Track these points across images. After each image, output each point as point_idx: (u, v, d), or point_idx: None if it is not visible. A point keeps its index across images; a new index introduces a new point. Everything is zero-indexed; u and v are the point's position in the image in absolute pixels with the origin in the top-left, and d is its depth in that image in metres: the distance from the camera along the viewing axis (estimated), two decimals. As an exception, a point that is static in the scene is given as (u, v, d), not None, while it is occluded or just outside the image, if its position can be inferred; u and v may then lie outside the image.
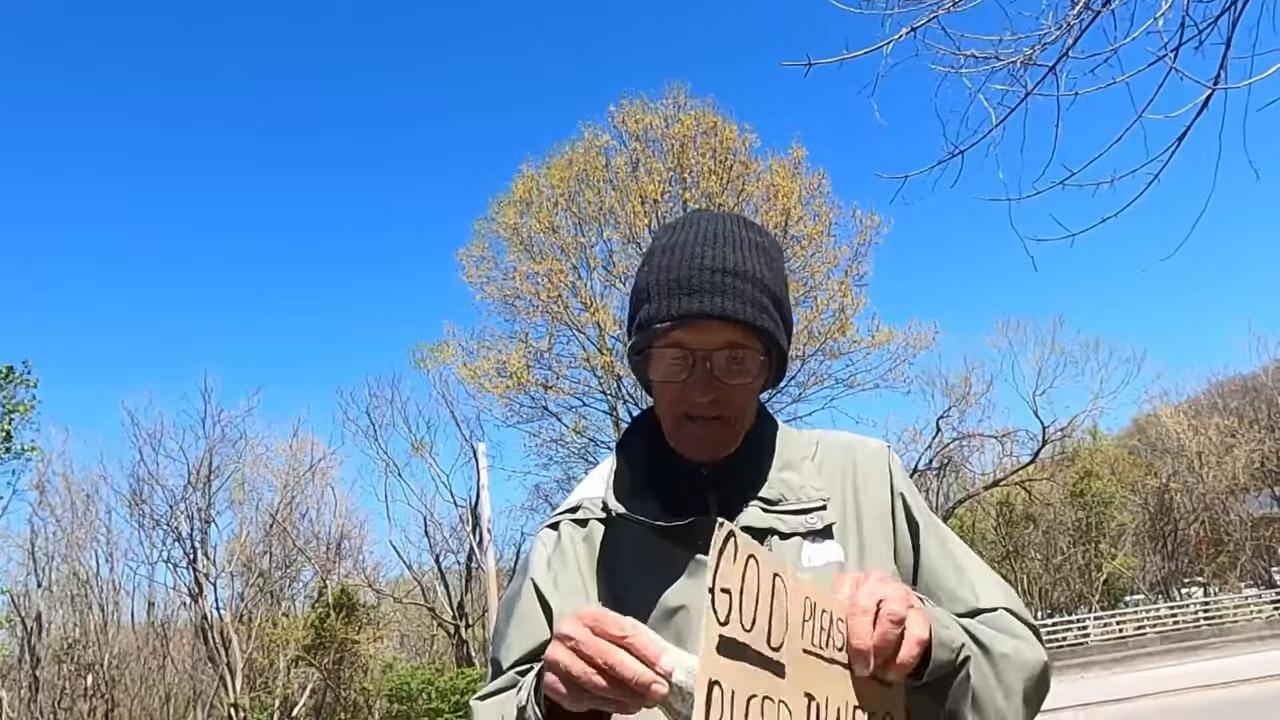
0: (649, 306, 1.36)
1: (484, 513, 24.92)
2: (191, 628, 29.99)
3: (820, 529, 1.36)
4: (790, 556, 1.31)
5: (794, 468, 1.43)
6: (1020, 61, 4.20)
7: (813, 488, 1.40)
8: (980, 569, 1.41)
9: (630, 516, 1.35)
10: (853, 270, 25.72)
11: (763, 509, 1.36)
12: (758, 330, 1.33)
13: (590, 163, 25.37)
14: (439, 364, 29.46)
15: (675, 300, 1.33)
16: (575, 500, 1.49)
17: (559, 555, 1.42)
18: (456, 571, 32.63)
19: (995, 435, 33.95)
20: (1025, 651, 1.27)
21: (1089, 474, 37.59)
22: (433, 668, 28.44)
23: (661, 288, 1.35)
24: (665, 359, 1.35)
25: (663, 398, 1.39)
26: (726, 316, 1.31)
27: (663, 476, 1.43)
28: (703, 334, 1.32)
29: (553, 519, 1.50)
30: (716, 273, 1.33)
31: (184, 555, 28.93)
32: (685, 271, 1.34)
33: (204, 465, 29.49)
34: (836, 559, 1.33)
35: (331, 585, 30.40)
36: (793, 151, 25.60)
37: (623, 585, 1.35)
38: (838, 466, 1.45)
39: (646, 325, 1.35)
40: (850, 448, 1.49)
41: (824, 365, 26.10)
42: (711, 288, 1.32)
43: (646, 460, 1.46)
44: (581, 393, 26.34)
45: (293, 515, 31.18)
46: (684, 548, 1.32)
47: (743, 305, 1.32)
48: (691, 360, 1.33)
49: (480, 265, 26.53)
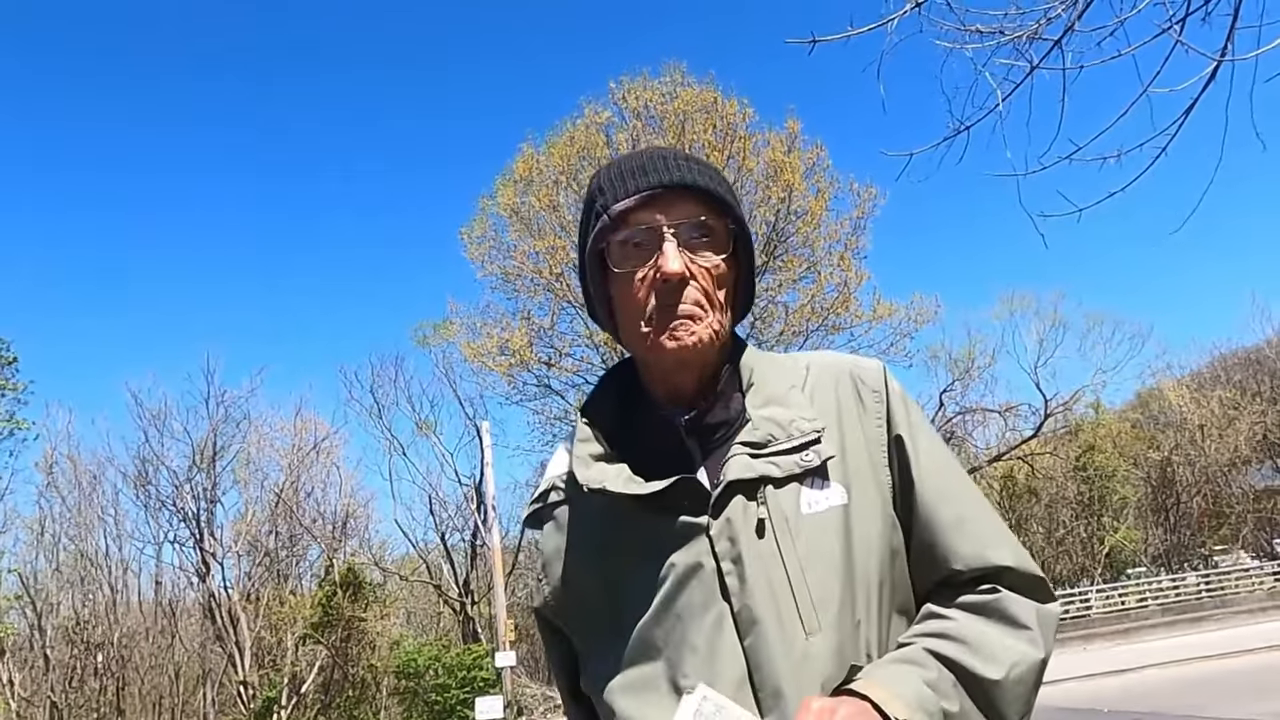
0: (603, 199, 1.28)
1: (488, 491, 25.02)
2: (199, 607, 30.20)
3: (816, 466, 1.23)
4: (788, 505, 1.21)
5: (780, 401, 1.29)
6: (1026, 36, 4.17)
7: (804, 419, 1.26)
8: (982, 520, 1.27)
9: (604, 491, 1.23)
10: (852, 244, 25.70)
11: (751, 455, 1.23)
12: (721, 202, 1.29)
13: (591, 139, 25.26)
14: (442, 342, 29.52)
15: (631, 180, 1.28)
16: (546, 484, 1.38)
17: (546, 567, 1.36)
18: (462, 549, 32.80)
19: (998, 410, 34.02)
20: (1020, 664, 1.16)
21: (1092, 448, 37.62)
22: (439, 644, 28.64)
23: (615, 178, 1.30)
24: (627, 247, 1.27)
25: (628, 296, 1.28)
26: (686, 184, 1.26)
27: (635, 433, 1.33)
28: (665, 208, 1.26)
29: (527, 510, 1.41)
30: (669, 158, 1.30)
31: (190, 535, 29.15)
32: (638, 161, 1.30)
33: (208, 445, 29.63)
34: (839, 502, 1.22)
35: (338, 564, 30.56)
36: (788, 125, 25.48)
37: (612, 567, 1.26)
38: (831, 392, 1.32)
39: (603, 213, 1.27)
40: (843, 369, 1.35)
41: (826, 340, 26.11)
42: (668, 166, 1.28)
43: (618, 418, 1.35)
44: (584, 370, 26.37)
45: (298, 494, 31.31)
46: (669, 511, 1.21)
47: (702, 178, 1.28)
48: (656, 238, 1.25)
49: (482, 244, 26.52)
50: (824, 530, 1.21)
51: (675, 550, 1.20)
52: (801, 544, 1.19)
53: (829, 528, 1.21)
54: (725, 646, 1.16)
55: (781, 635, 1.15)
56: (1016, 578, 1.22)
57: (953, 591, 1.24)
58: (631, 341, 1.31)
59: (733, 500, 1.20)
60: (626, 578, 1.24)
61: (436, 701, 24.65)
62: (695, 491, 1.21)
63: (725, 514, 1.20)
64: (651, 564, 1.22)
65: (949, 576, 1.24)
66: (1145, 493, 39.33)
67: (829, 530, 1.21)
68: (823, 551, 1.20)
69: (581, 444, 1.30)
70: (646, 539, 1.23)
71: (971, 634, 1.17)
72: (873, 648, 1.19)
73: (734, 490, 1.21)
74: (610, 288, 1.31)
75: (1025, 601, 1.21)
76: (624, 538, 1.24)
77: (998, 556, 1.23)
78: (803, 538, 1.20)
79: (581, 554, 1.30)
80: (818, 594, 1.17)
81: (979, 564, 1.23)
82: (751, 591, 1.16)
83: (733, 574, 1.18)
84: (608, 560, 1.26)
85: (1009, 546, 1.25)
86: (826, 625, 1.16)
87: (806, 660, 1.14)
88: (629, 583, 1.24)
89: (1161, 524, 39.21)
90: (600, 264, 1.31)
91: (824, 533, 1.21)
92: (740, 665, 1.15)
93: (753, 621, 1.16)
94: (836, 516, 1.22)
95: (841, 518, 1.22)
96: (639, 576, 1.23)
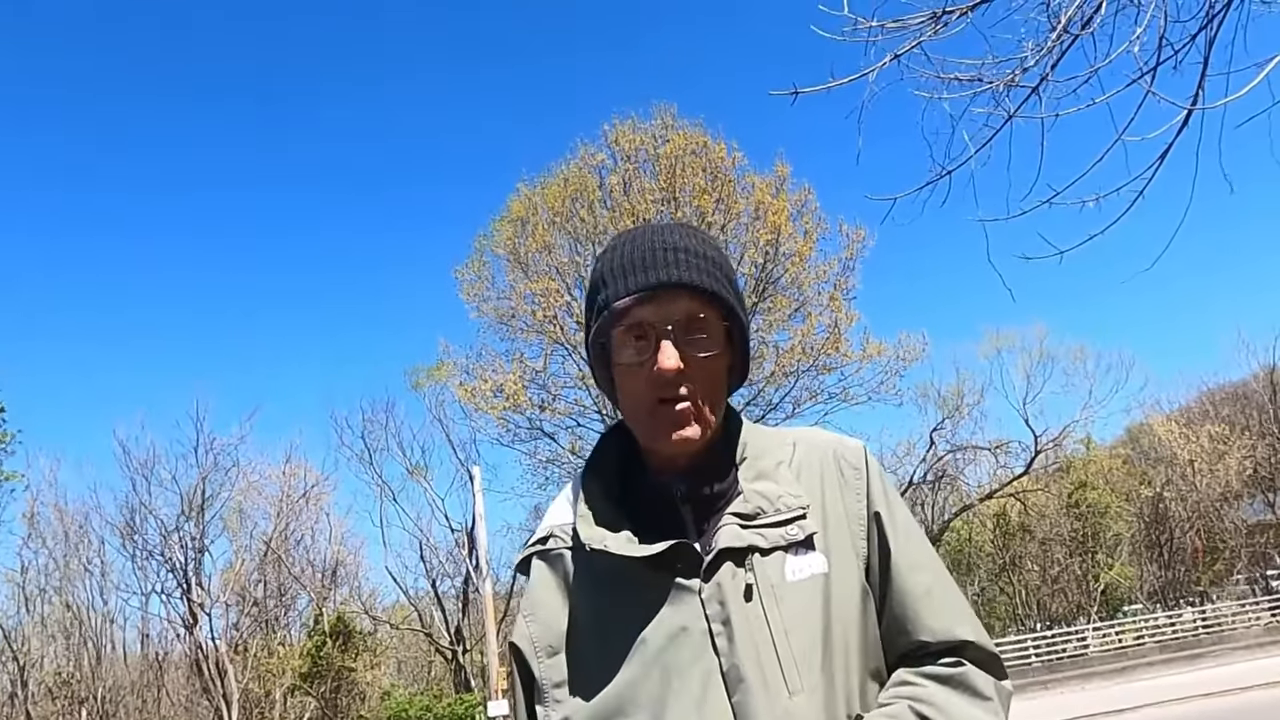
0: (605, 292, 1.37)
1: (480, 537, 24.82)
2: (186, 659, 29.74)
3: (802, 540, 1.32)
4: (773, 572, 1.29)
5: (770, 476, 1.38)
6: (1003, 84, 4.25)
7: (790, 495, 1.35)
8: (948, 595, 1.38)
9: (605, 551, 1.31)
10: (842, 284, 25.87)
11: (740, 525, 1.32)
12: (716, 298, 1.35)
13: (585, 181, 25.51)
14: (436, 383, 29.47)
15: (631, 278, 1.34)
16: (545, 530, 1.45)
17: (534, 607, 1.40)
18: (453, 596, 32.48)
19: (989, 447, 34.07)
20: None
21: (1083, 484, 37.60)
22: (430, 694, 28.25)
23: (616, 271, 1.36)
24: (628, 341, 1.35)
25: (630, 386, 1.37)
26: (682, 284, 1.32)
27: (634, 496, 1.41)
28: (662, 306, 1.33)
29: (524, 553, 1.47)
30: (669, 250, 1.35)
31: (178, 586, 28.73)
32: (638, 254, 1.36)
33: (197, 494, 29.36)
34: (821, 570, 1.31)
35: (327, 613, 30.20)
36: (777, 169, 25.79)
37: (607, 622, 1.32)
38: (815, 471, 1.41)
39: (604, 308, 1.36)
40: (828, 448, 1.45)
41: (816, 380, 26.20)
42: (665, 262, 1.34)
43: (618, 479, 1.43)
44: (577, 413, 26.37)
45: (287, 543, 31.01)
46: (662, 573, 1.29)
47: (698, 275, 1.34)
48: (655, 335, 1.32)
49: (476, 284, 26.63)
50: (806, 597, 1.29)
51: (668, 609, 1.28)
52: (786, 609, 1.28)
53: (811, 594, 1.29)
54: (713, 702, 1.23)
55: (766, 693, 1.22)
56: (976, 652, 1.33)
57: (919, 660, 1.33)
58: (633, 427, 1.41)
59: (723, 566, 1.29)
60: (618, 631, 1.30)
61: (428, 753, 24.25)
62: (689, 556, 1.30)
63: (716, 578, 1.28)
64: (644, 620, 1.29)
65: (917, 647, 1.34)
66: (1138, 529, 39.25)
67: (811, 597, 1.29)
68: (805, 616, 1.28)
69: (585, 503, 1.39)
70: (641, 597, 1.30)
71: (943, 702, 1.27)
72: (851, 708, 1.27)
73: (724, 557, 1.29)
74: (614, 374, 1.39)
75: (985, 676, 1.32)
76: (620, 595, 1.31)
77: (962, 632, 1.33)
78: (787, 603, 1.28)
79: (576, 604, 1.36)
80: (800, 656, 1.25)
81: (945, 638, 1.33)
82: (739, 651, 1.24)
83: (722, 634, 1.25)
84: (601, 614, 1.33)
85: (970, 623, 1.36)
86: (809, 686, 1.24)
87: (790, 718, 1.21)
88: (620, 636, 1.29)
89: (1156, 560, 39.07)
90: (603, 354, 1.39)
91: (806, 599, 1.29)
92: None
93: (740, 679, 1.23)
94: (818, 584, 1.30)
95: (823, 585, 1.30)
96: (630, 631, 1.29)
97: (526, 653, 1.38)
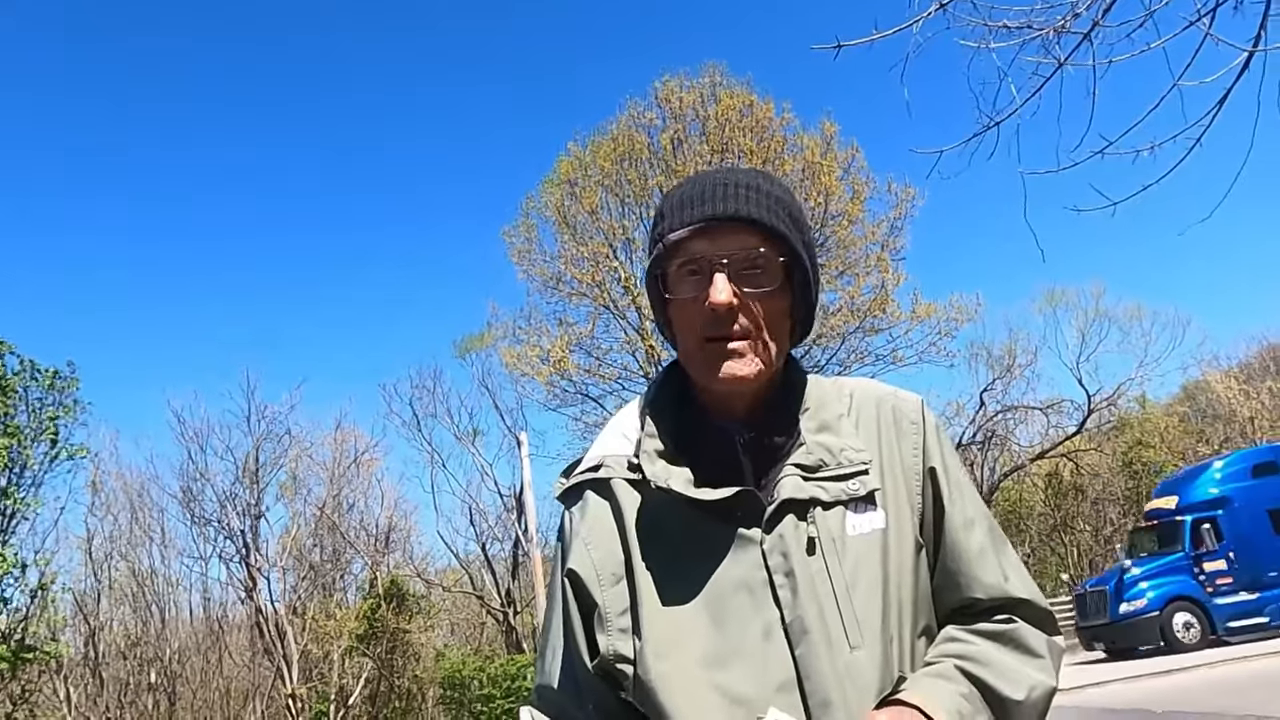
0: (663, 224, 1.34)
1: (528, 501, 25.10)
2: (247, 621, 30.60)
3: (863, 495, 1.30)
4: (834, 526, 1.28)
5: (831, 428, 1.35)
6: (1053, 31, 4.12)
7: (853, 449, 1.33)
8: (1000, 552, 1.36)
9: (670, 490, 1.28)
10: (890, 245, 25.50)
11: (803, 477, 1.30)
12: (775, 234, 1.31)
13: (634, 141, 25.30)
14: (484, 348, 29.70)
15: (689, 210, 1.32)
16: (596, 458, 1.41)
17: (594, 534, 1.35)
18: (503, 559, 32.94)
19: (1040, 407, 33.52)
20: (1036, 689, 1.26)
21: (1139, 442, 36.95)
22: (483, 655, 28.78)
23: (677, 205, 1.34)
24: (683, 275, 1.32)
25: (683, 321, 1.34)
26: (739, 217, 1.29)
27: (692, 438, 1.37)
28: (718, 240, 1.30)
29: (575, 480, 1.42)
30: (730, 185, 1.32)
31: (236, 551, 29.54)
32: (700, 188, 1.34)
33: (251, 461, 30.02)
34: (880, 526, 1.29)
35: (381, 576, 30.81)
36: (824, 128, 25.37)
37: (665, 561, 1.29)
38: (873, 423, 1.38)
39: (660, 240, 1.33)
40: (885, 400, 1.42)
41: (864, 342, 25.91)
42: (725, 196, 1.31)
43: (675, 419, 1.39)
44: (623, 377, 26.41)
45: (341, 508, 31.64)
46: (723, 520, 1.27)
47: (758, 209, 1.30)
48: (709, 268, 1.29)
49: (524, 245, 26.64)
50: (867, 552, 1.28)
51: (729, 557, 1.27)
52: (848, 564, 1.26)
53: (871, 549, 1.28)
54: (775, 653, 1.22)
55: (829, 647, 1.21)
56: (1030, 610, 1.33)
57: (971, 618, 1.33)
58: (686, 364, 1.38)
59: (785, 518, 1.27)
60: (677, 572, 1.28)
61: (482, 712, 24.74)
62: (752, 505, 1.28)
63: (778, 530, 1.27)
64: (704, 566, 1.27)
65: (970, 604, 1.34)
66: (1195, 487, 38.49)
67: (871, 552, 1.28)
68: (865, 571, 1.27)
69: (648, 439, 1.35)
70: (701, 541, 1.28)
71: (993, 658, 1.27)
72: (905, 664, 1.27)
73: (786, 508, 1.28)
74: (669, 310, 1.37)
75: (1038, 633, 1.31)
76: (679, 536, 1.29)
77: (1015, 589, 1.33)
78: (849, 558, 1.27)
79: (632, 538, 1.33)
80: (861, 611, 1.24)
81: (998, 594, 1.32)
82: (804, 604, 1.23)
83: (785, 586, 1.24)
84: (659, 552, 1.30)
85: (1024, 581, 1.35)
86: (869, 641, 1.23)
87: (851, 672, 1.21)
88: (679, 578, 1.28)
89: (1213, 519, 38.35)
90: (659, 288, 1.36)
91: (867, 554, 1.28)
92: (789, 672, 1.21)
93: (804, 632, 1.22)
94: (877, 539, 1.29)
95: (881, 540, 1.29)
96: (690, 574, 1.27)
97: (587, 579, 1.33)
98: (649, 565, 1.30)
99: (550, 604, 1.43)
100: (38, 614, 20.16)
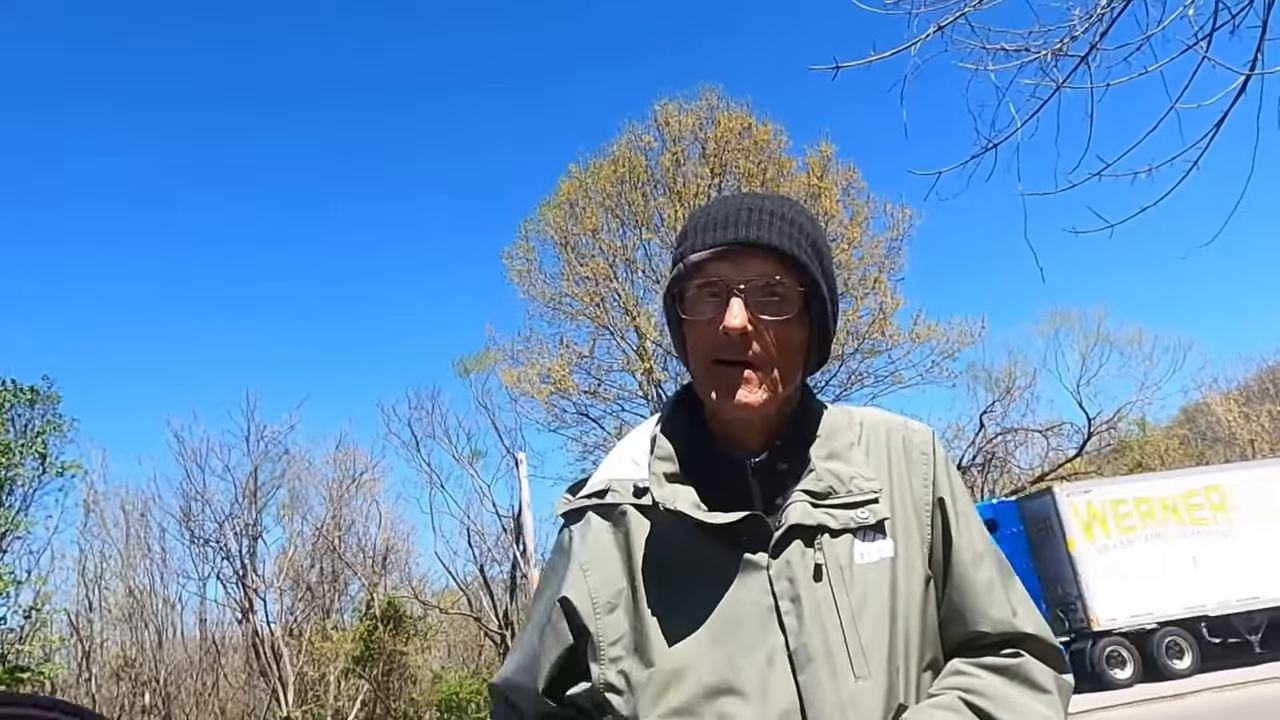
0: (685, 244, 1.34)
1: (526, 523, 25.01)
2: (243, 642, 30.42)
3: (872, 524, 1.29)
4: (842, 554, 1.26)
5: (841, 456, 1.34)
6: (1050, 54, 4.14)
7: (863, 478, 1.32)
8: (1008, 586, 1.35)
9: (678, 512, 1.26)
10: (887, 266, 25.54)
11: (811, 504, 1.28)
12: (795, 263, 1.30)
13: (634, 163, 25.43)
14: (483, 369, 29.70)
15: (712, 233, 1.31)
16: (602, 482, 1.39)
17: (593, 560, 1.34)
18: (501, 582, 32.79)
19: (1040, 429, 33.48)
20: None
21: (1139, 465, 36.85)
22: (480, 677, 28.57)
23: (700, 226, 1.34)
24: (701, 296, 1.32)
25: (696, 342, 1.33)
26: (760, 243, 1.29)
27: (700, 462, 1.36)
28: (738, 264, 1.29)
29: (577, 504, 1.40)
30: (754, 211, 1.32)
31: (234, 572, 29.40)
32: (725, 212, 1.34)
33: (250, 481, 29.95)
34: (888, 555, 1.28)
35: (379, 598, 30.66)
36: (821, 149, 25.49)
37: (669, 585, 1.28)
38: (884, 452, 1.38)
39: (680, 260, 1.33)
40: (895, 431, 1.41)
41: (864, 364, 25.91)
42: (749, 221, 1.31)
43: (685, 443, 1.38)
44: (623, 398, 26.40)
45: (339, 529, 31.52)
46: (729, 545, 1.26)
47: (778, 237, 1.30)
48: (727, 291, 1.28)
49: (523, 266, 26.71)
50: (875, 581, 1.27)
51: (735, 582, 1.25)
52: (855, 592, 1.25)
53: (879, 579, 1.27)
54: (778, 679, 1.21)
55: (833, 676, 1.20)
56: (1038, 645, 1.31)
57: (977, 651, 1.31)
58: (697, 388, 1.37)
59: (792, 544, 1.26)
60: (681, 596, 1.27)
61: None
62: (760, 529, 1.27)
63: (785, 555, 1.26)
64: (708, 589, 1.26)
65: (976, 637, 1.32)
66: (1196, 511, 38.37)
67: (879, 582, 1.27)
68: (873, 601, 1.26)
69: (658, 461, 1.35)
70: (706, 566, 1.27)
71: (1000, 692, 1.24)
72: (909, 696, 1.25)
73: (794, 534, 1.27)
74: (684, 330, 1.36)
75: (1045, 668, 1.29)
76: (684, 559, 1.28)
77: (1023, 624, 1.31)
78: (856, 587, 1.26)
79: (636, 563, 1.31)
80: (867, 640, 1.23)
81: (1006, 629, 1.30)
82: (809, 631, 1.22)
83: (791, 613, 1.23)
84: (663, 576, 1.29)
85: (1031, 615, 1.33)
86: (875, 671, 1.22)
87: (855, 702, 1.19)
88: (683, 601, 1.27)
89: (1214, 543, 38.20)
90: (676, 307, 1.36)
91: (875, 583, 1.27)
92: (791, 699, 1.19)
93: (808, 659, 1.21)
94: (886, 569, 1.28)
95: (890, 570, 1.28)
96: (694, 597, 1.26)
97: (581, 608, 1.32)
98: (653, 589, 1.29)
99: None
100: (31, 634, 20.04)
